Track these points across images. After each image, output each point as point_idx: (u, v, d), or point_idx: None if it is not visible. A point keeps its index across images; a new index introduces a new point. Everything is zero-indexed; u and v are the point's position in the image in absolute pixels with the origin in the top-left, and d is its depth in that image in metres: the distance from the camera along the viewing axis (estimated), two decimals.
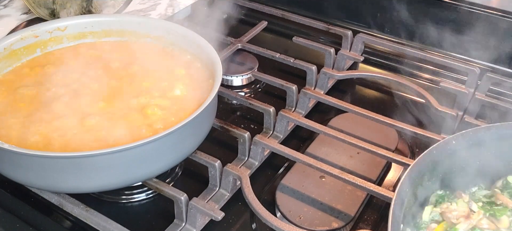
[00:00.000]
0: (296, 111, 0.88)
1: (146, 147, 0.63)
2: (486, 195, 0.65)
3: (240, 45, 1.01)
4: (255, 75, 0.95)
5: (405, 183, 0.58)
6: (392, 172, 0.79)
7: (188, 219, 0.67)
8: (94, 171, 0.63)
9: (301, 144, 0.84)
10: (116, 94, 0.75)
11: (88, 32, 0.86)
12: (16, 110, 0.72)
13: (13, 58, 0.80)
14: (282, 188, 0.74)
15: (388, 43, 1.03)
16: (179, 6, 1.17)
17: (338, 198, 0.72)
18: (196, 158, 0.73)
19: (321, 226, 0.69)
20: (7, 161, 0.64)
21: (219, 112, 0.79)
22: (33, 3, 1.00)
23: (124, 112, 0.72)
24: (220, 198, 0.72)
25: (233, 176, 0.71)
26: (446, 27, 1.02)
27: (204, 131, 0.72)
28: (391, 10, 1.07)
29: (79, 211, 0.68)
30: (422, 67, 1.01)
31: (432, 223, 0.61)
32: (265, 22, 1.08)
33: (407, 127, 0.79)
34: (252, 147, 0.77)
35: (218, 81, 0.71)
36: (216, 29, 1.07)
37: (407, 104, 0.91)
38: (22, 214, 0.70)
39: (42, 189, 0.70)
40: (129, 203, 0.74)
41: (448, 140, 0.64)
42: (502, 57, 0.99)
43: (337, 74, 0.93)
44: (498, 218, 0.61)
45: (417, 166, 0.60)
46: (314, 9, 1.15)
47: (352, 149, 0.79)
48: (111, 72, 0.79)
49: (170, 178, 0.77)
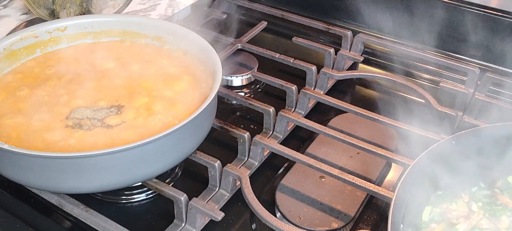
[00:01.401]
0: (296, 112, 0.88)
1: (146, 147, 0.63)
2: (486, 195, 0.65)
3: (240, 46, 1.01)
4: (255, 75, 0.95)
5: (405, 183, 0.58)
6: (392, 172, 0.79)
7: (188, 219, 0.67)
8: (94, 171, 0.62)
9: (301, 144, 0.84)
10: (116, 95, 0.75)
11: (88, 33, 0.86)
12: (16, 110, 0.72)
13: (12, 59, 0.80)
14: (282, 188, 0.74)
15: (388, 43, 1.03)
16: (179, 7, 1.17)
17: (338, 198, 0.72)
18: (196, 158, 0.73)
19: (321, 226, 0.69)
20: (7, 161, 0.64)
21: (219, 113, 0.79)
22: (33, 4, 1.00)
23: (123, 112, 0.72)
24: (220, 198, 0.72)
25: (233, 176, 0.71)
26: (445, 27, 1.02)
27: (204, 131, 0.72)
28: (391, 10, 1.07)
29: (79, 212, 0.68)
30: (422, 67, 1.01)
31: (432, 223, 0.61)
32: (265, 23, 1.08)
33: (407, 127, 0.79)
34: (252, 147, 0.77)
35: (218, 82, 0.71)
36: (216, 30, 1.07)
37: (407, 105, 0.91)
38: (22, 214, 0.70)
39: (42, 189, 0.70)
40: (129, 203, 0.74)
41: (448, 140, 0.64)
42: (502, 57, 0.99)
43: (337, 75, 0.93)
44: (498, 218, 0.61)
45: (417, 166, 0.60)
46: (314, 9, 1.15)
47: (352, 149, 0.79)
48: (111, 73, 0.79)
49: (170, 178, 0.77)
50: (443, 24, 1.02)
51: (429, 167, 0.61)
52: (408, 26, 1.05)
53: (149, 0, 1.19)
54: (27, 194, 0.72)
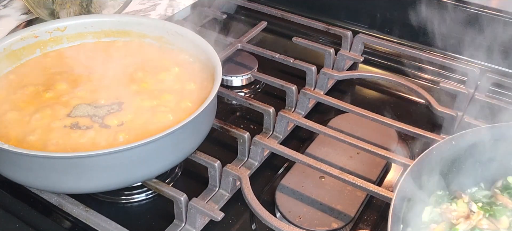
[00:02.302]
0: (296, 112, 0.88)
1: (145, 147, 0.63)
2: (486, 195, 0.65)
3: (239, 46, 1.01)
4: (255, 75, 0.95)
5: (405, 183, 0.58)
6: (392, 172, 0.79)
7: (188, 220, 0.67)
8: (93, 171, 0.62)
9: (301, 144, 0.84)
10: (115, 95, 0.75)
11: (88, 33, 0.86)
12: (16, 110, 0.72)
13: (13, 59, 0.80)
14: (281, 188, 0.74)
15: (388, 43, 1.03)
16: (178, 7, 1.17)
17: (337, 198, 0.72)
18: (196, 158, 0.73)
19: (320, 227, 0.69)
20: (7, 161, 0.64)
21: (218, 113, 0.79)
22: (33, 4, 1.00)
23: (123, 112, 0.72)
24: (220, 199, 0.72)
25: (232, 176, 0.71)
26: (445, 27, 1.01)
27: (203, 131, 0.72)
28: (391, 10, 1.07)
29: (79, 212, 0.68)
30: (422, 68, 1.01)
31: (432, 223, 0.61)
32: (265, 23, 1.08)
33: (407, 127, 0.79)
34: (252, 147, 0.77)
35: (218, 82, 0.71)
36: (216, 30, 1.07)
37: (407, 105, 0.91)
38: (22, 214, 0.70)
39: (41, 189, 0.70)
40: (129, 203, 0.74)
41: (448, 140, 0.64)
42: (502, 58, 0.99)
43: (336, 75, 0.93)
44: (498, 219, 0.61)
45: (417, 166, 0.60)
46: (313, 10, 1.15)
47: (352, 149, 0.79)
48: (111, 73, 0.79)
49: (170, 178, 0.77)
50: (443, 24, 1.02)
51: (429, 167, 0.61)
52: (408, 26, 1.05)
53: (149, 0, 1.19)
54: (26, 194, 0.72)
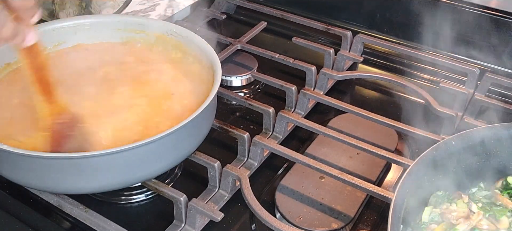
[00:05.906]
0: (296, 112, 0.88)
1: (145, 148, 0.63)
2: (485, 195, 0.65)
3: (239, 46, 1.01)
4: (255, 76, 0.95)
5: (405, 183, 0.58)
6: (392, 173, 0.79)
7: (188, 220, 0.67)
8: (93, 171, 0.62)
9: (301, 144, 0.84)
10: (115, 95, 0.75)
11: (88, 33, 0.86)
12: (16, 110, 0.72)
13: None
14: (281, 188, 0.74)
15: (388, 43, 1.03)
16: (178, 7, 1.17)
17: (337, 198, 0.72)
18: (196, 158, 0.72)
19: (320, 227, 0.69)
20: (6, 162, 0.64)
21: (218, 113, 0.78)
22: None
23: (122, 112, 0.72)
24: (220, 199, 0.72)
25: (232, 176, 0.71)
26: (445, 28, 1.01)
27: (203, 132, 0.72)
28: (390, 10, 1.07)
29: (78, 212, 0.68)
30: (422, 68, 1.00)
31: (431, 223, 0.61)
32: (264, 23, 1.08)
33: (406, 127, 0.79)
34: (252, 147, 0.76)
35: (218, 82, 0.71)
36: (216, 30, 1.07)
37: (406, 105, 0.91)
38: (21, 215, 0.70)
39: (41, 190, 0.70)
40: (129, 204, 0.74)
41: (447, 141, 0.64)
42: (502, 58, 0.99)
43: (336, 75, 0.93)
44: (497, 219, 0.61)
45: (417, 166, 0.60)
46: (313, 10, 1.15)
47: (352, 150, 0.79)
48: (110, 73, 0.79)
49: (170, 179, 0.77)
50: (443, 24, 1.02)
51: (429, 168, 0.61)
52: (407, 26, 1.05)
53: (148, 1, 1.19)
54: (26, 194, 0.72)
